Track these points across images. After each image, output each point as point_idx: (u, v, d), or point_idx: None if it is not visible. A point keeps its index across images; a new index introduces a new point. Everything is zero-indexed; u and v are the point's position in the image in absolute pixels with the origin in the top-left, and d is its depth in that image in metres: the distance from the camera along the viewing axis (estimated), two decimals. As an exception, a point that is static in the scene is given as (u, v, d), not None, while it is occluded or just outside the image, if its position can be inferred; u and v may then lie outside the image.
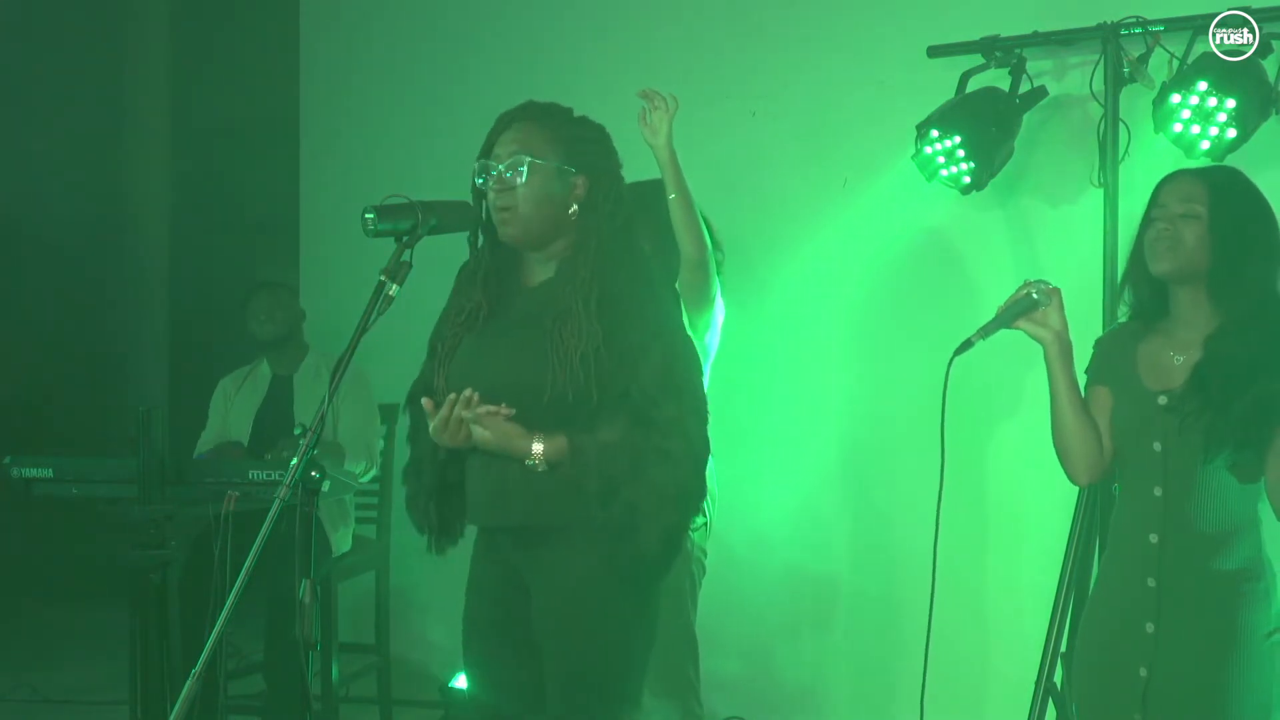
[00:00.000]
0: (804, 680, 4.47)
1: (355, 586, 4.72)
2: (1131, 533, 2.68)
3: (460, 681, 4.30)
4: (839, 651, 4.41)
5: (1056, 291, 2.63)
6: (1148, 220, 2.69)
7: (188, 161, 6.80)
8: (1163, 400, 2.63)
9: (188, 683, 2.12)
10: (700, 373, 2.63)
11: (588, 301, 2.49)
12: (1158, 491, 2.62)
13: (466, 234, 2.62)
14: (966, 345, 2.62)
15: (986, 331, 2.62)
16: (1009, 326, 2.64)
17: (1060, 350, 2.65)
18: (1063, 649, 3.27)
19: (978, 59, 3.90)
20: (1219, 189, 2.65)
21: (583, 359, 2.46)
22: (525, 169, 2.52)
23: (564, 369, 2.46)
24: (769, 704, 4.47)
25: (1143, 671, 2.61)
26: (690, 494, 2.52)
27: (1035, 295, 2.62)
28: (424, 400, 2.56)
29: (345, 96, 5.46)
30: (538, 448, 2.47)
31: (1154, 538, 2.62)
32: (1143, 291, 2.71)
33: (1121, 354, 2.73)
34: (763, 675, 4.51)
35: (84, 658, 5.42)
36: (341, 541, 4.51)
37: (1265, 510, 2.63)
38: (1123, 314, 2.82)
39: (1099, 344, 2.85)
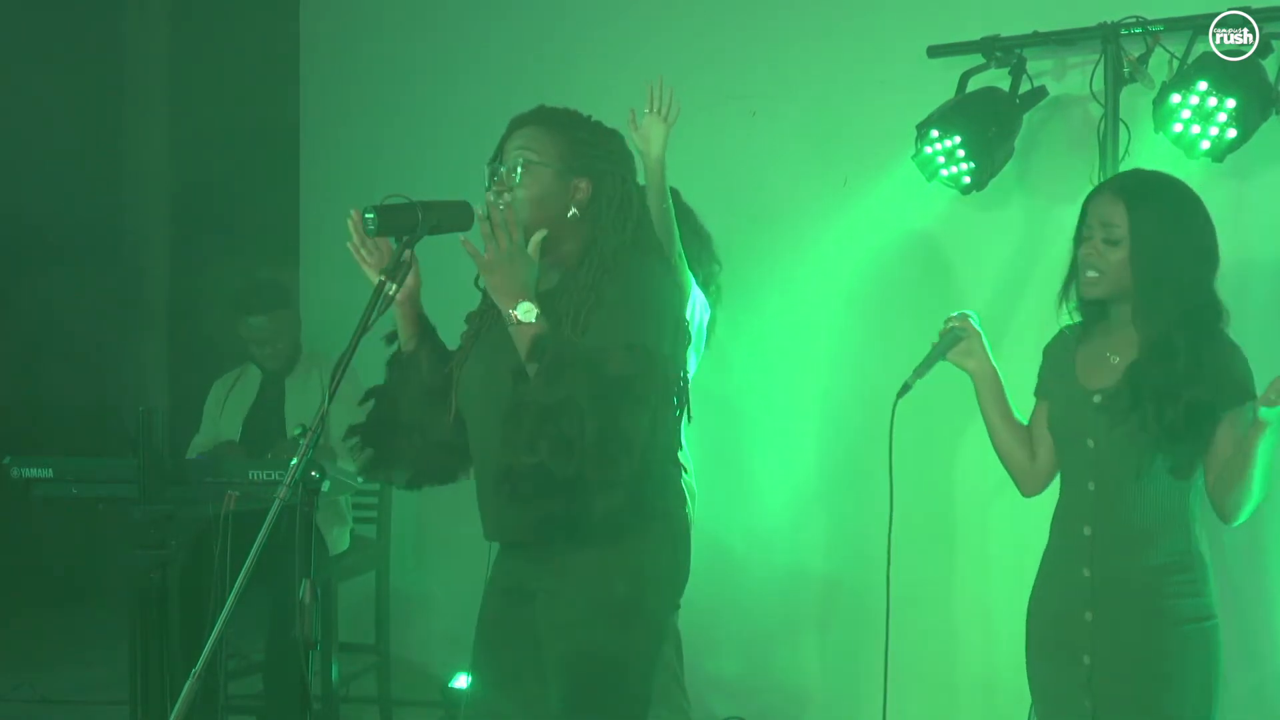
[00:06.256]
0: (803, 680, 4.47)
1: (355, 586, 4.72)
2: (1068, 525, 2.79)
3: (460, 681, 4.30)
4: (838, 651, 4.41)
5: (976, 333, 2.87)
6: (1078, 239, 2.78)
7: (187, 162, 6.79)
8: (1097, 399, 2.72)
9: (188, 683, 2.12)
10: (671, 388, 2.53)
11: (578, 313, 2.46)
12: (1091, 486, 2.73)
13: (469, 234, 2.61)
14: (905, 389, 2.88)
15: (920, 372, 2.88)
16: (941, 361, 2.88)
17: (984, 378, 2.89)
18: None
19: (978, 59, 3.90)
20: (1138, 206, 2.69)
21: None
22: (521, 170, 2.52)
23: None
24: (768, 704, 4.47)
25: (1086, 659, 2.71)
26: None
27: (958, 330, 2.86)
28: None
29: (345, 98, 5.47)
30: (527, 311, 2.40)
31: (1087, 530, 2.73)
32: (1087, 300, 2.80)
33: (1063, 359, 2.85)
34: (762, 675, 4.51)
35: (84, 658, 5.42)
36: (338, 541, 4.50)
37: (1198, 504, 2.71)
38: (1063, 318, 2.90)
39: (1045, 353, 2.94)
